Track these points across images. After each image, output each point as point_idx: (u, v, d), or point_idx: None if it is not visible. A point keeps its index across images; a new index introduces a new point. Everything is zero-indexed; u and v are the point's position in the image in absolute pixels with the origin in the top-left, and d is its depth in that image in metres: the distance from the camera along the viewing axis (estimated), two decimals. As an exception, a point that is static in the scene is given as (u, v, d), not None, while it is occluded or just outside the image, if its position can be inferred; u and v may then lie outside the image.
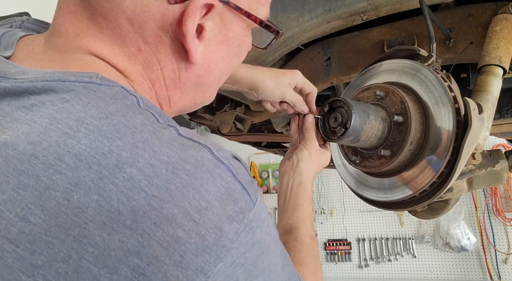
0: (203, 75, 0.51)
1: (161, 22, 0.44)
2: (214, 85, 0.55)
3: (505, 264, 3.36)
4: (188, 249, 0.34)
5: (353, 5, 0.91)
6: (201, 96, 0.55)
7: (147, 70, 0.47)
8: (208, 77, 0.52)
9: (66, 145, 0.34)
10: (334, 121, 0.68)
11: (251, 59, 1.08)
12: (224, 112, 1.32)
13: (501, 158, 0.79)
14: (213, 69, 0.51)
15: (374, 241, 3.87)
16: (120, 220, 0.32)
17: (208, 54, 0.49)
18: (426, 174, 0.68)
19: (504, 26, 0.82)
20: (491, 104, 0.75)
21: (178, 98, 0.52)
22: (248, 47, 0.54)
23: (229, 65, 0.53)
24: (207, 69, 0.51)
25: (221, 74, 0.53)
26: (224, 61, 0.52)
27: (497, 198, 3.42)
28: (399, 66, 0.76)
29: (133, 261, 0.32)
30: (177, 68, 0.48)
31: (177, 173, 0.36)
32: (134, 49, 0.45)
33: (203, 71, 0.50)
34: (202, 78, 0.51)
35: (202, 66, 0.50)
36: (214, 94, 0.58)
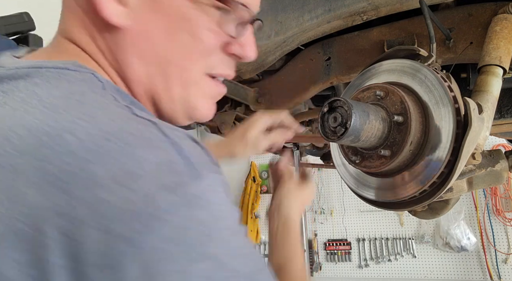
0: (139, 44, 0.49)
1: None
2: (171, 68, 0.51)
3: (505, 264, 3.36)
4: (116, 214, 0.33)
5: (353, 5, 0.91)
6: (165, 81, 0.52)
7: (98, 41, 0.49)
8: (150, 50, 0.49)
9: (22, 119, 0.37)
10: (334, 121, 0.68)
11: (251, 59, 1.08)
12: (224, 112, 1.32)
13: (501, 158, 0.79)
14: (152, 41, 0.49)
15: (374, 241, 3.87)
16: (53, 182, 0.33)
17: (141, 23, 0.48)
18: (426, 174, 0.68)
19: (504, 26, 0.82)
20: (491, 104, 0.75)
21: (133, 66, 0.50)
22: (206, 28, 0.50)
23: (180, 43, 0.50)
24: (141, 37, 0.49)
25: (171, 52, 0.50)
26: (167, 35, 0.49)
27: (497, 198, 3.42)
28: (399, 66, 0.76)
29: (61, 223, 0.32)
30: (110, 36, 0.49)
31: (115, 142, 0.36)
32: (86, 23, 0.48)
33: (137, 39, 0.49)
34: (141, 48, 0.49)
35: (135, 34, 0.48)
36: (198, 94, 0.54)
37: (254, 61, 1.11)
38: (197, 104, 0.54)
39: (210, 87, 0.55)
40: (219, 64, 0.54)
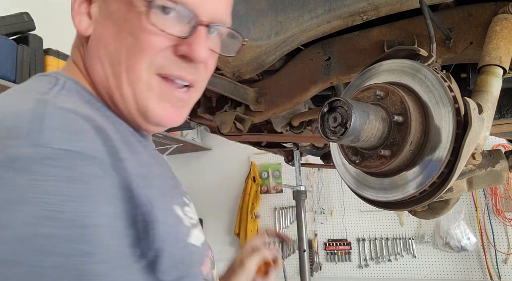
0: (98, 48, 0.56)
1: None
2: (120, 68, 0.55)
3: (505, 264, 3.36)
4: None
5: (353, 5, 0.91)
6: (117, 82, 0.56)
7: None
8: (104, 52, 0.55)
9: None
10: (334, 121, 0.68)
11: (251, 59, 1.08)
12: (224, 112, 1.32)
13: (501, 158, 0.79)
14: (105, 44, 0.55)
15: (374, 241, 3.87)
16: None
17: (98, 29, 0.56)
18: (426, 174, 0.68)
19: (504, 26, 0.82)
20: (491, 104, 0.75)
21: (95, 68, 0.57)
22: (144, 29, 0.53)
23: (125, 45, 0.54)
24: (99, 42, 0.56)
25: (119, 53, 0.54)
26: (116, 38, 0.55)
27: (497, 198, 3.42)
28: (399, 66, 0.76)
29: None
30: (81, 45, 0.59)
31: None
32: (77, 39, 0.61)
33: (96, 44, 0.56)
34: (99, 52, 0.56)
35: (95, 40, 0.56)
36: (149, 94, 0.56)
37: (254, 61, 1.11)
38: (149, 105, 0.56)
39: (162, 88, 0.57)
40: (168, 64, 0.56)
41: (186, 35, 0.55)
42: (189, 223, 0.57)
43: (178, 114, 0.60)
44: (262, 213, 4.40)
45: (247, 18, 0.97)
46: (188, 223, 0.57)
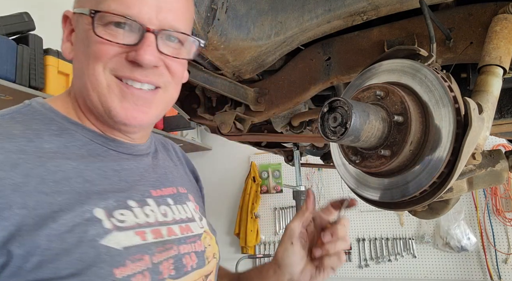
0: (74, 67, 0.71)
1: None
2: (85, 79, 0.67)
3: (505, 264, 3.36)
4: None
5: (353, 5, 0.91)
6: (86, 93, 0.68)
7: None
8: (76, 68, 0.70)
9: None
10: (334, 121, 0.68)
11: (251, 59, 1.08)
12: (224, 112, 1.32)
13: (501, 158, 0.79)
14: (77, 61, 0.69)
15: (374, 241, 3.87)
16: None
17: (75, 52, 0.70)
18: (426, 174, 0.68)
19: (504, 26, 0.81)
20: (491, 104, 0.75)
21: (75, 85, 0.71)
22: (94, 42, 0.65)
23: (85, 56, 0.66)
24: (75, 62, 0.70)
25: (82, 65, 0.67)
26: (81, 54, 0.67)
27: (497, 198, 3.42)
28: (399, 66, 0.76)
29: None
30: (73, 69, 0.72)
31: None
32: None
33: (74, 64, 0.71)
34: (75, 69, 0.71)
35: (74, 61, 0.70)
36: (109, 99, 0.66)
37: (254, 61, 1.11)
38: (111, 105, 0.66)
39: (121, 89, 0.66)
40: (120, 68, 0.65)
41: (134, 43, 0.64)
42: (111, 226, 0.61)
43: (141, 112, 0.68)
44: (262, 213, 4.40)
45: (247, 18, 0.97)
46: (110, 226, 0.61)
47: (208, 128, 1.58)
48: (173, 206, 0.76)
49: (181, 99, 1.38)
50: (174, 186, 0.81)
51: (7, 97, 2.23)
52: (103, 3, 0.63)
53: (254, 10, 0.97)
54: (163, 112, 0.75)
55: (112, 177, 0.68)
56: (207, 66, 1.09)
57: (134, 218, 0.66)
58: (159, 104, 0.71)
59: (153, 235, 0.67)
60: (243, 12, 0.96)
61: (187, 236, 0.74)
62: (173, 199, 0.78)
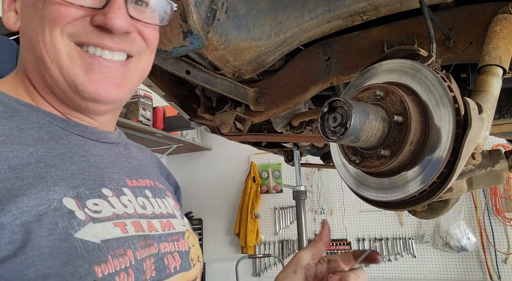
0: (23, 39, 0.60)
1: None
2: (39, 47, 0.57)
3: (505, 264, 3.36)
4: None
5: (353, 5, 0.91)
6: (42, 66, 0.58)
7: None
8: (27, 39, 0.59)
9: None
10: (334, 121, 0.68)
11: (251, 59, 1.08)
12: (224, 112, 1.32)
13: (501, 158, 0.79)
14: (26, 31, 0.59)
15: (374, 241, 3.87)
16: None
17: (22, 21, 0.60)
18: (425, 174, 0.68)
19: (504, 26, 0.82)
20: (491, 104, 0.75)
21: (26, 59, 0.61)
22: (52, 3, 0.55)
23: (39, 22, 0.56)
24: (23, 32, 0.60)
25: (35, 34, 0.57)
26: (32, 21, 0.57)
27: (497, 198, 3.42)
28: (399, 66, 0.76)
29: None
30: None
31: None
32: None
33: (22, 35, 0.60)
34: (24, 41, 0.60)
35: (21, 32, 0.60)
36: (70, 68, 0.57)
37: (254, 61, 1.11)
38: (76, 79, 0.57)
39: (85, 59, 0.57)
40: (84, 33, 0.56)
41: (100, 5, 0.56)
42: (84, 217, 0.51)
43: (114, 85, 0.59)
44: (262, 213, 4.40)
45: (247, 18, 0.97)
46: (83, 217, 0.51)
47: (208, 128, 1.58)
48: (152, 199, 0.66)
49: (181, 99, 1.38)
50: (151, 179, 0.71)
51: (7, 97, 2.23)
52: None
53: (254, 10, 0.97)
54: (138, 85, 0.66)
55: (80, 163, 0.57)
56: (207, 66, 1.09)
57: (111, 208, 0.56)
58: (133, 75, 0.62)
59: (134, 227, 0.57)
60: (243, 12, 0.96)
61: (169, 233, 0.64)
62: (151, 192, 0.67)
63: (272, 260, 4.24)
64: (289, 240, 4.24)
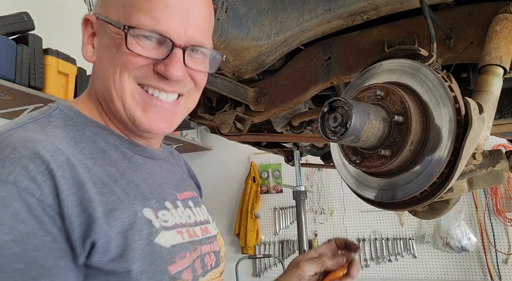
0: (97, 72, 0.70)
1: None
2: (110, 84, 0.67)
3: (505, 264, 3.36)
4: None
5: (353, 4, 0.91)
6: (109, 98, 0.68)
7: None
8: (100, 73, 0.69)
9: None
10: (334, 121, 0.68)
11: (251, 59, 1.08)
12: (224, 112, 1.32)
13: (502, 158, 0.79)
14: (100, 67, 0.69)
15: (374, 241, 3.87)
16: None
17: (97, 56, 0.70)
18: (426, 174, 0.68)
19: (505, 26, 0.81)
20: (492, 104, 0.74)
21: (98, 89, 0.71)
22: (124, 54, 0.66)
23: (112, 64, 0.67)
24: (98, 66, 0.70)
25: (108, 72, 0.67)
26: (107, 61, 0.68)
27: (498, 198, 3.42)
28: (399, 66, 0.75)
29: None
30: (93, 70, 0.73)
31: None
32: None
33: (97, 68, 0.71)
34: (97, 74, 0.70)
35: (96, 65, 0.71)
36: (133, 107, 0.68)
37: (254, 61, 1.10)
38: (135, 115, 0.68)
39: (144, 99, 0.68)
40: (147, 77, 0.67)
41: (162, 57, 0.66)
42: (159, 225, 0.65)
43: (165, 122, 0.70)
44: (262, 213, 4.40)
45: (247, 18, 0.97)
46: (158, 225, 0.64)
47: (208, 128, 1.58)
48: (194, 209, 0.80)
49: (181, 99, 1.38)
50: (190, 190, 0.86)
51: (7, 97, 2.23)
52: (133, 17, 0.65)
53: (254, 10, 0.97)
54: (183, 118, 0.78)
55: (147, 180, 0.70)
56: (207, 66, 1.09)
57: (172, 218, 0.70)
58: (181, 112, 0.74)
59: (187, 234, 0.71)
60: (243, 12, 0.96)
61: (207, 237, 0.78)
62: (192, 202, 0.82)
63: (272, 261, 4.23)
64: (289, 241, 4.24)
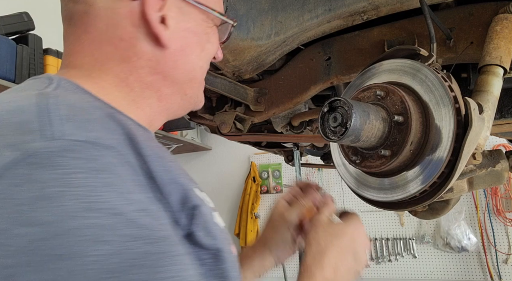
0: (180, 59, 0.59)
1: (131, 19, 0.54)
2: (197, 72, 0.63)
3: (505, 264, 3.36)
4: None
5: (353, 4, 0.91)
6: (188, 86, 0.62)
7: (123, 63, 0.55)
8: (186, 62, 0.60)
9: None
10: (334, 121, 0.68)
11: (251, 59, 1.08)
12: (224, 112, 1.32)
13: (502, 158, 0.79)
14: (188, 53, 0.60)
15: (375, 241, 3.87)
16: None
17: (178, 40, 0.58)
18: (426, 174, 0.68)
19: (505, 26, 0.81)
20: (492, 104, 0.74)
21: (162, 84, 0.59)
22: (216, 38, 0.64)
23: (205, 53, 0.63)
24: (182, 52, 0.59)
25: (199, 60, 0.62)
26: (197, 48, 0.61)
27: (498, 198, 3.42)
28: (400, 66, 0.75)
29: None
30: (154, 55, 0.56)
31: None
32: (111, 48, 0.55)
33: (179, 55, 0.59)
34: (179, 62, 0.59)
35: (176, 50, 0.58)
36: (202, 88, 0.65)
37: (254, 61, 1.11)
38: (200, 96, 0.67)
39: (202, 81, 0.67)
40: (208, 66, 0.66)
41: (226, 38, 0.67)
42: (212, 205, 0.62)
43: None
44: (262, 213, 4.40)
45: (247, 18, 0.97)
46: (212, 205, 0.61)
47: (208, 128, 1.58)
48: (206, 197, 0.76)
49: (181, 99, 1.38)
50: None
51: (7, 97, 2.23)
52: (218, 4, 0.64)
53: (254, 9, 0.97)
54: None
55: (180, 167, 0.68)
56: (207, 66, 1.09)
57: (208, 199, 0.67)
58: None
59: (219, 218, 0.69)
60: (243, 11, 0.96)
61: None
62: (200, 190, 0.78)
63: (272, 260, 4.24)
64: (289, 240, 4.24)
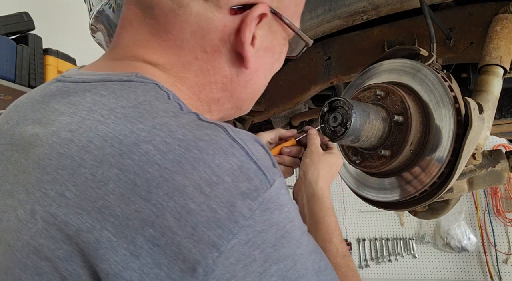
0: (252, 79, 0.56)
1: (222, 33, 0.50)
2: (260, 91, 0.60)
3: (505, 264, 3.36)
4: (200, 221, 0.35)
5: (353, 4, 0.91)
6: (247, 102, 0.60)
7: (200, 76, 0.52)
8: (255, 82, 0.57)
9: (96, 130, 0.39)
10: (334, 121, 0.68)
11: (251, 59, 1.08)
12: (224, 112, 1.32)
13: (502, 158, 0.79)
14: (259, 74, 0.57)
15: (375, 241, 3.87)
16: (136, 191, 0.35)
17: (257, 60, 0.55)
18: (426, 174, 0.68)
19: (505, 26, 0.81)
20: (492, 104, 0.74)
21: (227, 100, 0.57)
22: (285, 55, 0.60)
23: (271, 72, 0.59)
24: (255, 73, 0.56)
25: (266, 80, 0.59)
26: (268, 67, 0.58)
27: (498, 198, 3.42)
28: (400, 66, 0.75)
29: (148, 231, 0.34)
30: (230, 73, 0.53)
31: (190, 149, 0.37)
32: (190, 58, 0.50)
33: (252, 75, 0.56)
34: (251, 82, 0.57)
35: (251, 71, 0.55)
36: (255, 100, 0.62)
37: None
38: (252, 105, 0.62)
39: None
40: None
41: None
42: None
43: None
44: (262, 213, 4.40)
45: (247, 18, 0.97)
46: None
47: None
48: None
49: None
50: None
51: (7, 97, 2.23)
52: (296, 20, 0.61)
53: (254, 10, 0.97)
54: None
55: None
56: (207, 66, 1.09)
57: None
58: None
59: None
60: (243, 12, 0.96)
61: None
62: None
63: (272, 260, 4.24)
64: (289, 240, 4.24)
